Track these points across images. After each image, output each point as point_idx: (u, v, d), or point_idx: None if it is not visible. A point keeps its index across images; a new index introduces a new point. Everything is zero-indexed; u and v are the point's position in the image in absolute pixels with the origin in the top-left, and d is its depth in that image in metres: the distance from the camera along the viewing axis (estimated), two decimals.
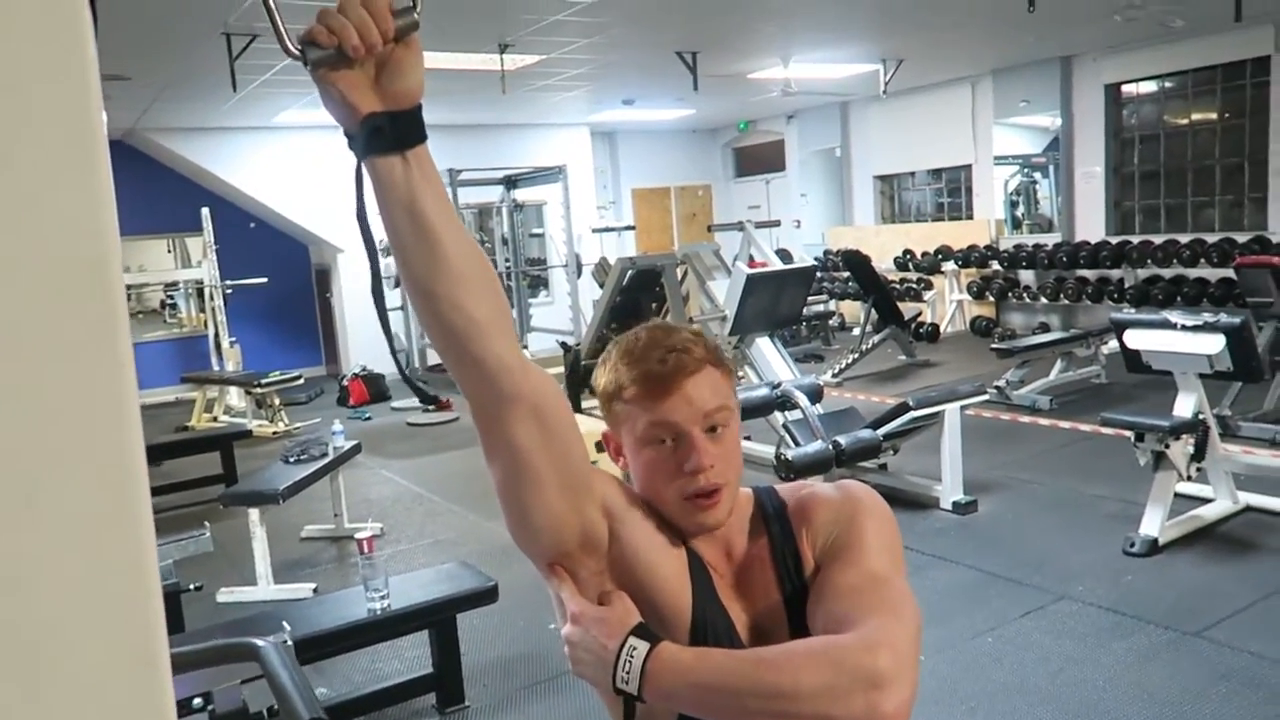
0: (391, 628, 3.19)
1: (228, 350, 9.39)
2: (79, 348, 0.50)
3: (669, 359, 1.04)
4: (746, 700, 0.91)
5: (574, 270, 10.12)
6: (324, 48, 0.82)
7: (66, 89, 0.50)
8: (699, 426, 1.04)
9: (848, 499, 1.11)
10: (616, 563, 1.05)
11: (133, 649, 0.53)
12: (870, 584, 1.00)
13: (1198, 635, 3.43)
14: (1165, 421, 4.22)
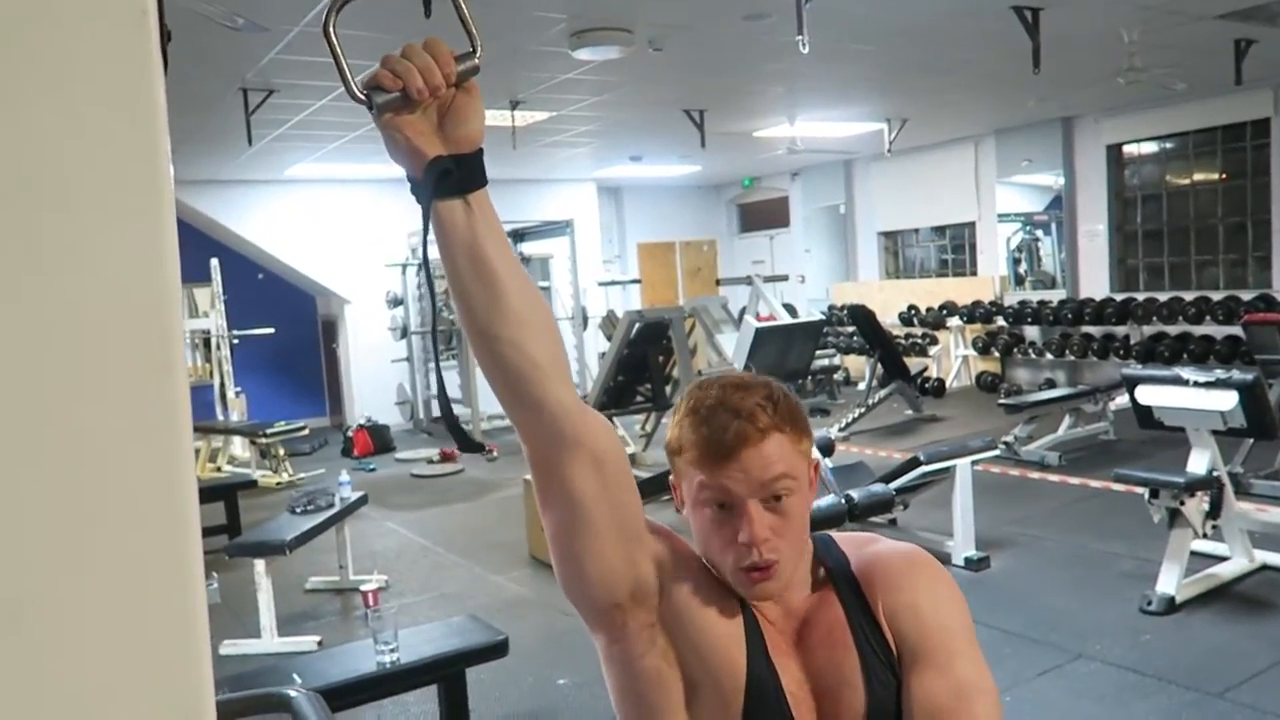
0: (401, 681, 3.14)
1: (233, 400, 9.38)
2: (139, 389, 0.50)
3: (730, 427, 0.99)
4: None
5: (580, 323, 10.15)
6: (389, 91, 0.83)
7: (137, 135, 0.50)
8: (757, 496, 1.00)
9: (917, 575, 1.08)
10: (667, 617, 1.03)
11: (182, 702, 0.52)
12: (962, 702, 1.00)
13: (1220, 696, 3.36)
14: (1180, 478, 4.20)
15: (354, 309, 10.81)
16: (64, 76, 0.48)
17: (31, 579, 0.47)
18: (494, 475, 8.06)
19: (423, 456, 8.97)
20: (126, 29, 0.49)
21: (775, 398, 1.04)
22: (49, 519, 0.48)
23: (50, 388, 0.48)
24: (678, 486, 1.09)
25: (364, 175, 9.97)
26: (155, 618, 0.52)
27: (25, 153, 0.47)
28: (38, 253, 0.47)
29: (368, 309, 10.67)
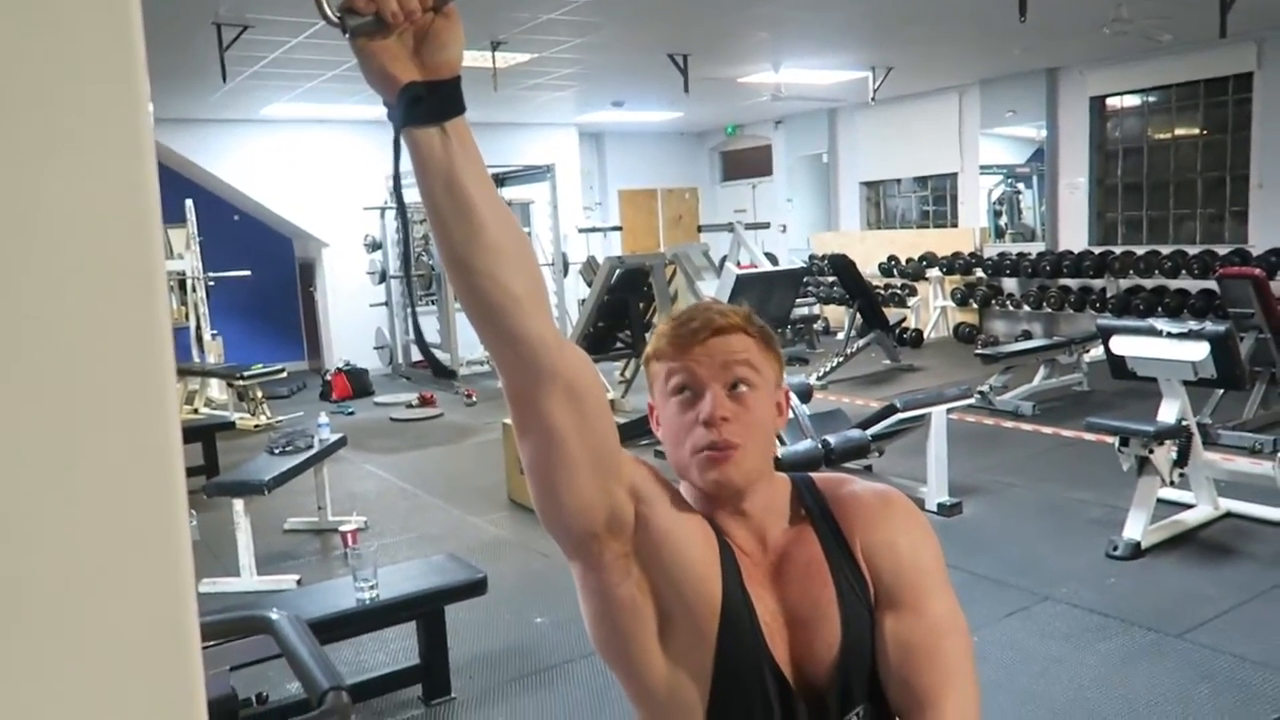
0: (380, 618, 3.18)
1: (209, 343, 9.31)
2: (123, 327, 0.50)
3: (700, 317, 1.07)
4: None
5: (560, 269, 10.11)
6: (362, 15, 0.81)
7: (117, 84, 0.49)
8: (719, 381, 1.05)
9: (894, 514, 1.12)
10: (643, 547, 1.04)
11: (164, 612, 0.53)
12: (937, 640, 1.04)
13: (1180, 637, 3.46)
14: (1150, 427, 4.27)
15: (332, 252, 10.70)
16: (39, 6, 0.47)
17: (18, 510, 0.48)
18: (473, 420, 8.07)
19: (402, 401, 8.97)
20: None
21: (750, 315, 1.11)
22: (34, 455, 0.48)
23: (33, 325, 0.48)
24: (651, 396, 1.12)
25: (342, 116, 9.80)
26: (141, 543, 0.52)
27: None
28: (15, 190, 0.47)
29: (346, 252, 10.56)
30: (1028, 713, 3.00)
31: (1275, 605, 3.69)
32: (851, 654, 1.04)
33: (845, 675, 1.05)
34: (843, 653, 1.04)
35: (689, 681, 1.03)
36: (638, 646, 1.04)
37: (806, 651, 1.05)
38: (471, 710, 3.26)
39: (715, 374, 1.04)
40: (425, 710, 3.26)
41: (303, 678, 1.18)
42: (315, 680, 1.15)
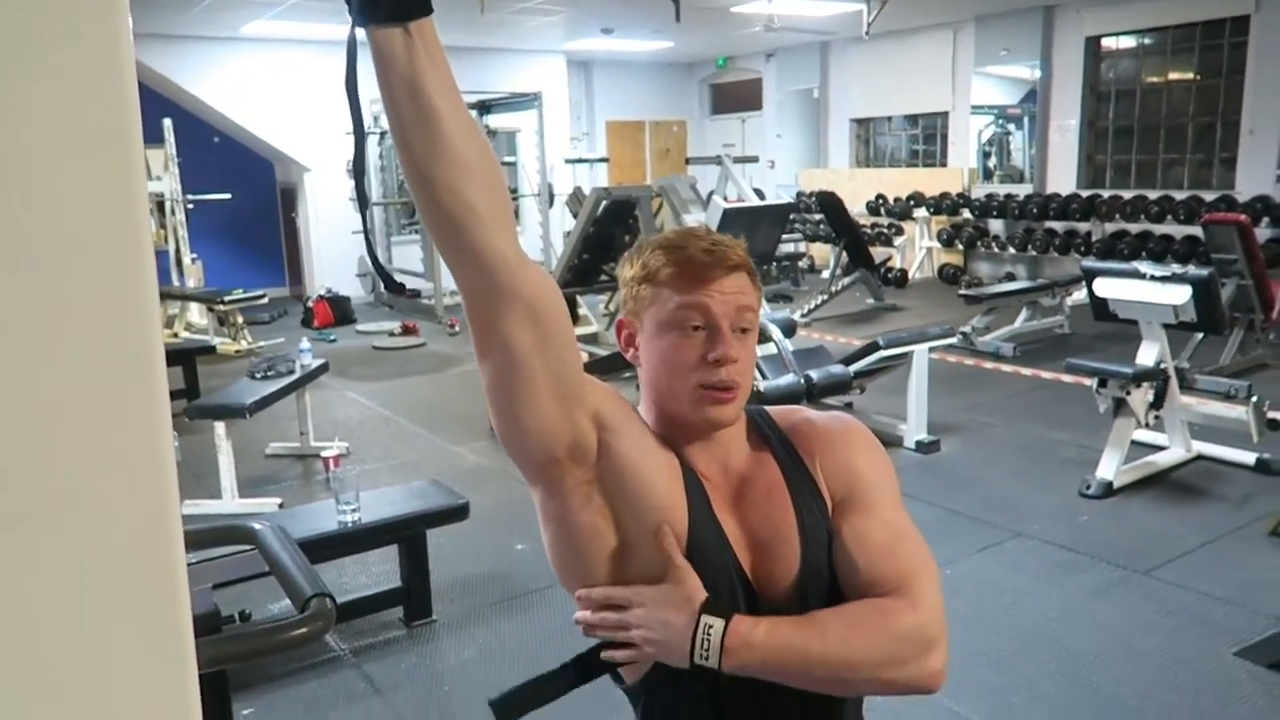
0: (362, 541, 3.20)
1: (189, 266, 9.20)
2: (103, 248, 0.49)
3: (714, 249, 1.04)
4: (813, 670, 0.98)
5: (546, 200, 10.01)
6: None
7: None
8: (729, 321, 1.04)
9: (852, 437, 1.14)
10: (606, 474, 1.02)
11: (147, 514, 0.52)
12: (897, 539, 1.06)
13: (1147, 574, 3.54)
14: (1128, 369, 4.31)
15: (314, 177, 10.54)
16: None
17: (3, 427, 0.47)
18: (456, 350, 8.07)
19: (384, 329, 8.93)
20: None
21: (746, 250, 1.09)
22: (19, 371, 0.47)
23: (12, 243, 0.46)
24: (630, 323, 1.10)
25: (324, 36, 9.55)
26: (126, 458, 0.52)
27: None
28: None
29: (328, 178, 10.40)
30: (995, 643, 3.08)
31: (1240, 545, 3.77)
32: (810, 573, 1.05)
33: (803, 595, 1.05)
34: (801, 573, 1.05)
35: None
36: (598, 572, 1.04)
37: (767, 574, 1.06)
38: (452, 632, 3.31)
39: (727, 313, 1.03)
40: (407, 632, 3.31)
41: (286, 586, 1.19)
42: (299, 588, 1.16)
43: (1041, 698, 2.78)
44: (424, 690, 2.96)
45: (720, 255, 1.04)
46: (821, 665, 0.98)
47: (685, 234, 1.08)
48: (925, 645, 0.99)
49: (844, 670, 0.98)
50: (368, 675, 3.03)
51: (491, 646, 3.20)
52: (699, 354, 1.03)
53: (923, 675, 0.99)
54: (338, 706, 2.87)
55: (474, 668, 3.09)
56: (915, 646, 0.98)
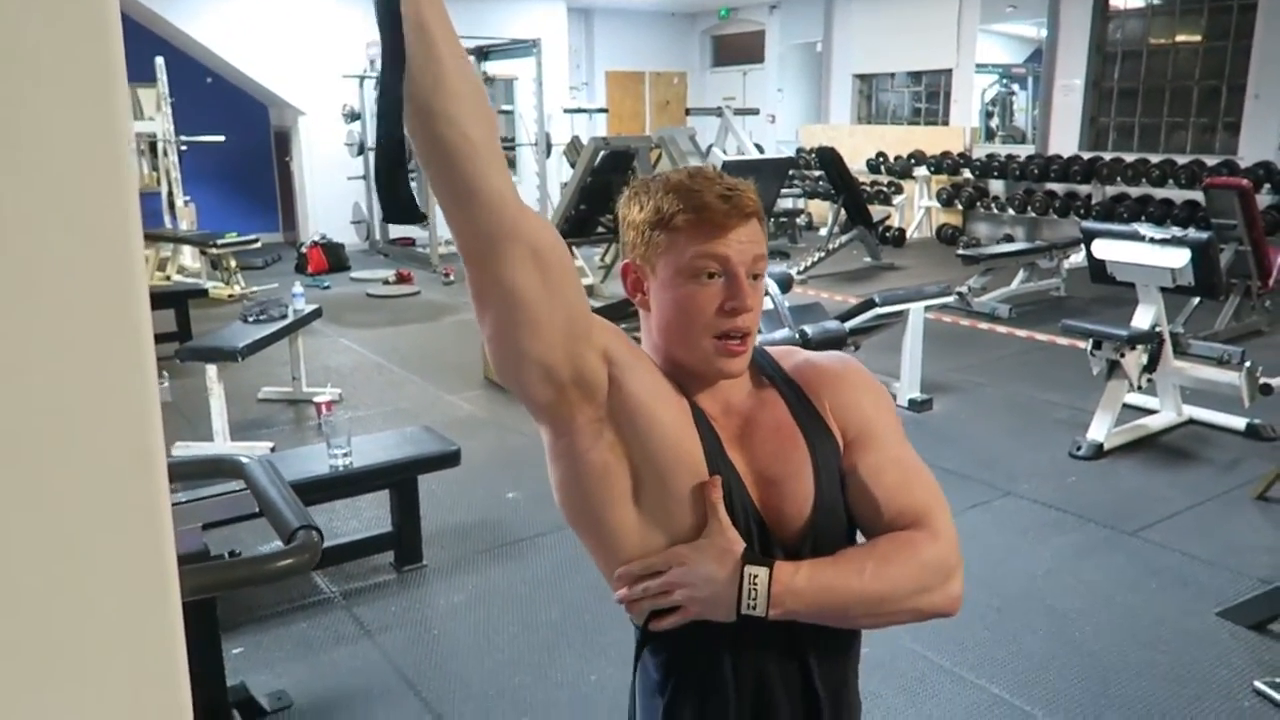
0: (353, 485, 3.21)
1: (181, 209, 9.11)
2: (85, 190, 0.47)
3: (730, 196, 1.02)
4: (853, 607, 1.02)
5: (544, 150, 9.91)
6: None
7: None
8: (745, 269, 1.03)
9: (856, 377, 1.15)
10: (617, 411, 1.01)
11: (130, 444, 0.51)
12: (911, 474, 1.09)
13: (1133, 534, 3.57)
14: (1123, 331, 4.31)
15: (308, 121, 10.40)
16: None
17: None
18: (451, 298, 8.03)
19: (379, 277, 8.88)
20: None
21: (750, 188, 1.06)
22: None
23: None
24: (638, 269, 1.07)
25: None
26: (109, 392, 0.51)
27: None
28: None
29: (323, 122, 10.27)
30: (982, 599, 3.10)
31: (1227, 508, 3.80)
32: (824, 509, 1.06)
33: (816, 532, 1.06)
34: (816, 508, 1.05)
35: (665, 543, 1.03)
36: (610, 511, 1.03)
37: (777, 510, 1.06)
38: (442, 578, 3.33)
39: (744, 261, 1.03)
40: (397, 576, 3.32)
41: (273, 518, 1.18)
42: (285, 520, 1.16)
43: (1025, 653, 2.81)
44: (413, 633, 2.98)
45: (737, 203, 1.02)
46: (859, 602, 1.01)
47: (697, 176, 1.04)
48: (948, 573, 1.04)
49: (879, 604, 1.02)
50: (357, 618, 3.05)
51: (481, 592, 3.22)
52: (716, 302, 1.03)
53: (948, 599, 1.04)
54: (327, 648, 2.89)
55: (463, 612, 3.11)
56: (940, 574, 1.03)
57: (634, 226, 1.06)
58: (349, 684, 2.70)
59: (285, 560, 1.07)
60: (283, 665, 2.79)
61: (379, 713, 2.56)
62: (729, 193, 1.02)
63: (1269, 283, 6.36)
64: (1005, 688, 2.63)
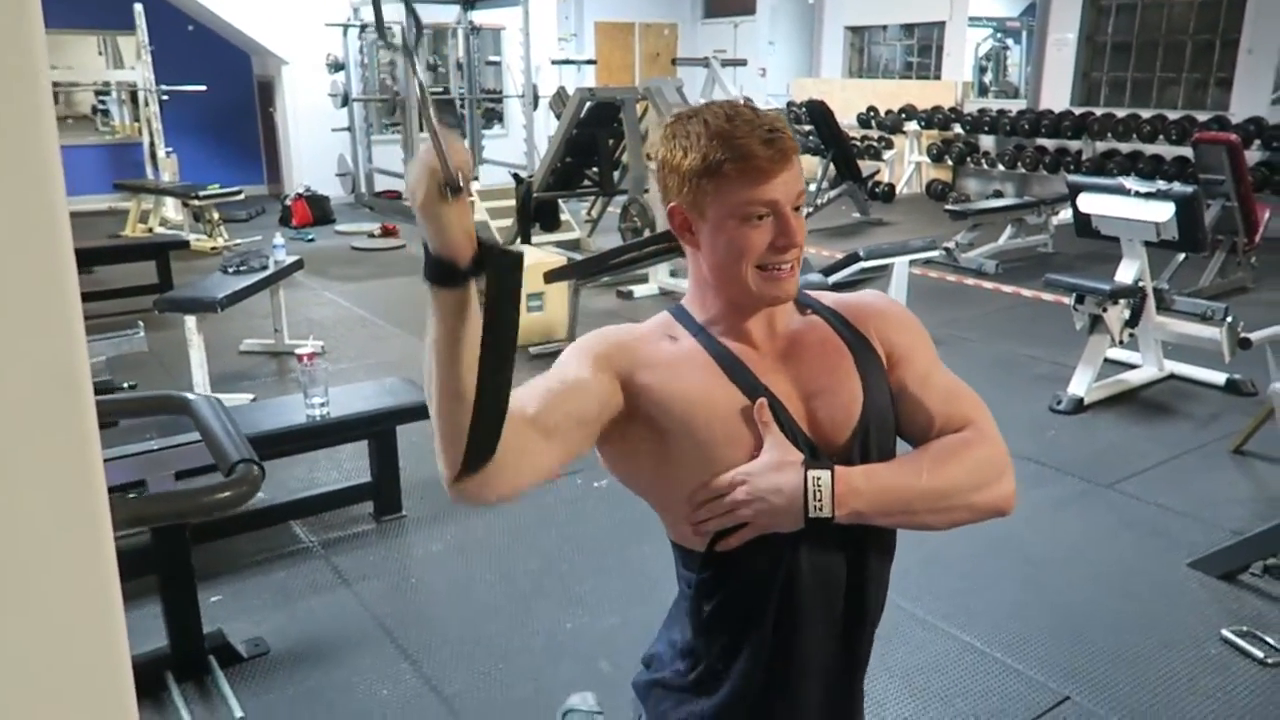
0: (331, 435, 3.20)
1: (163, 160, 9.00)
2: None
3: (773, 140, 1.04)
4: (914, 503, 1.07)
5: (530, 101, 9.79)
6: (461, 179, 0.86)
7: None
8: (790, 204, 1.07)
9: (896, 309, 1.23)
10: (647, 409, 1.08)
11: (53, 371, 0.50)
12: (955, 386, 1.16)
13: (1110, 487, 3.60)
14: (1105, 285, 4.30)
15: (292, 71, 10.24)
16: None
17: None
18: None
19: (364, 230, 8.81)
20: None
21: (783, 119, 1.09)
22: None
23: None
24: (686, 211, 1.10)
25: None
26: (26, 307, 0.49)
27: None
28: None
29: (307, 72, 10.10)
30: (958, 549, 3.12)
31: (1203, 461, 3.83)
32: (873, 412, 1.11)
33: (865, 441, 1.10)
34: (865, 411, 1.10)
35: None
36: (659, 477, 1.11)
37: (827, 418, 1.11)
38: (421, 528, 3.34)
39: (789, 198, 1.07)
40: (376, 526, 3.33)
41: (214, 451, 1.17)
42: (226, 454, 1.14)
43: (999, 602, 2.84)
44: (391, 582, 3.00)
45: (780, 146, 1.05)
46: (920, 498, 1.06)
47: (736, 119, 1.05)
48: (1001, 470, 1.10)
49: (940, 499, 1.07)
50: (336, 567, 3.06)
51: (460, 542, 3.23)
52: (766, 240, 1.07)
53: (1002, 496, 1.09)
54: (305, 596, 2.90)
55: (442, 562, 3.12)
56: (994, 471, 1.09)
57: (678, 173, 1.09)
58: (326, 631, 2.72)
59: (223, 493, 1.06)
60: (261, 613, 2.80)
61: (355, 659, 2.58)
62: (771, 136, 1.04)
63: (1255, 239, 6.35)
64: (977, 636, 2.66)
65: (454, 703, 2.39)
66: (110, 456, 2.23)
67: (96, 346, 3.88)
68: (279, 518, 3.26)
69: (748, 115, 1.06)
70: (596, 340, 1.12)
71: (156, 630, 2.52)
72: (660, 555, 1.31)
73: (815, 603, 1.11)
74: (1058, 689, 2.42)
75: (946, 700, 2.40)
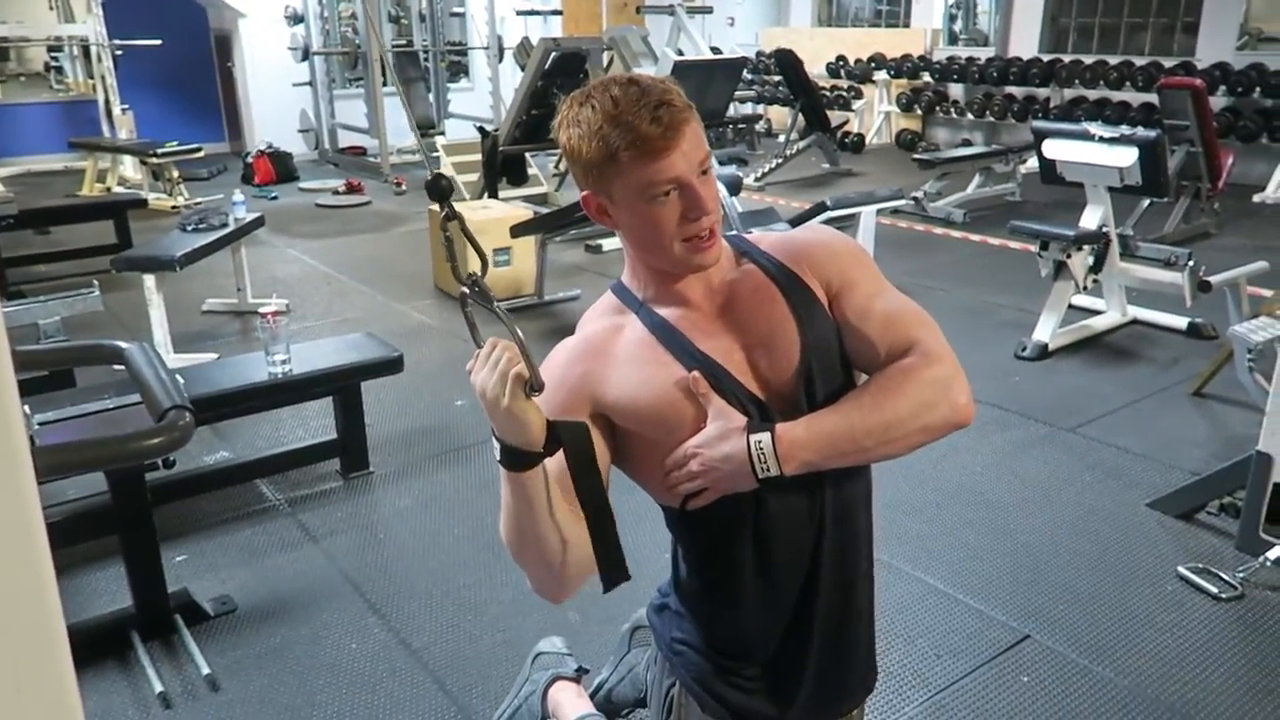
0: (293, 392, 3.17)
1: (119, 117, 8.79)
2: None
3: (662, 116, 1.04)
4: (863, 440, 1.07)
5: (495, 54, 9.63)
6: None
7: None
8: (693, 173, 1.07)
9: (827, 238, 1.21)
10: (617, 421, 1.13)
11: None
12: (896, 309, 1.14)
13: (1072, 430, 3.64)
14: (1070, 231, 4.32)
15: (249, 24, 10.00)
16: None
17: None
18: (401, 208, 7.87)
19: (328, 187, 8.67)
20: None
21: (672, 84, 1.09)
22: None
23: None
24: (597, 197, 1.11)
25: None
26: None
27: None
28: None
29: (265, 25, 9.87)
30: (920, 495, 3.16)
31: (1163, 404, 3.88)
32: (814, 352, 1.12)
33: (809, 377, 1.11)
34: (804, 351, 1.11)
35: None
36: (647, 465, 1.15)
37: (768, 367, 1.12)
38: (389, 484, 3.33)
39: (690, 168, 1.06)
40: (343, 483, 3.32)
41: (147, 399, 1.14)
42: (157, 400, 1.12)
43: (960, 545, 2.88)
44: (359, 538, 2.99)
45: (670, 123, 1.04)
46: (868, 434, 1.06)
47: (623, 98, 1.05)
48: (947, 385, 1.08)
49: (889, 430, 1.06)
50: (303, 524, 3.05)
51: (427, 496, 3.22)
52: (677, 214, 1.07)
53: (955, 409, 1.08)
54: (272, 553, 2.89)
55: (409, 516, 3.12)
56: (940, 388, 1.07)
57: (579, 163, 1.09)
58: (293, 587, 2.71)
59: (153, 439, 1.04)
60: (227, 571, 2.79)
61: (323, 614, 2.58)
62: (658, 112, 1.03)
63: (1219, 185, 6.40)
64: (939, 578, 2.70)
65: (422, 655, 2.40)
66: (65, 416, 2.19)
67: (50, 307, 3.80)
68: (245, 476, 3.24)
69: (634, 93, 1.05)
70: (556, 384, 1.12)
71: (121, 590, 2.51)
72: (631, 506, 1.32)
73: (788, 536, 1.15)
74: (1018, 627, 2.47)
75: (909, 640, 2.44)
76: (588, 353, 1.15)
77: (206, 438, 3.52)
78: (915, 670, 2.33)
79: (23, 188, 8.44)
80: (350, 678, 2.33)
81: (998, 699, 2.22)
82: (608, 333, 1.16)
